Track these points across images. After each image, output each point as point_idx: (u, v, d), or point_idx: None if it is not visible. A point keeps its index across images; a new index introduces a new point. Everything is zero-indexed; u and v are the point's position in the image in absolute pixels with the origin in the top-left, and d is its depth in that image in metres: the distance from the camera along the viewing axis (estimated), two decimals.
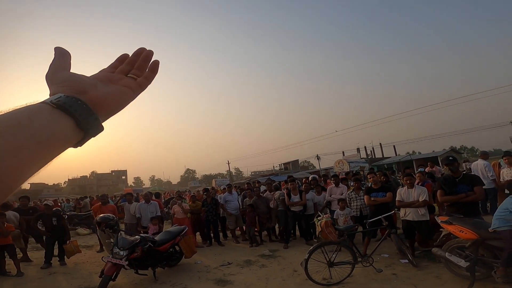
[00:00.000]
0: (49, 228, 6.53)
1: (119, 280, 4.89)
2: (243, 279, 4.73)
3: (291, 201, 6.86)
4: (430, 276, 4.11)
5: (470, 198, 4.26)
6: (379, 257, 5.03)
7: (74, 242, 6.73)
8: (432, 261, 4.55)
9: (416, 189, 4.94)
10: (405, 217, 4.94)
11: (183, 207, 7.55)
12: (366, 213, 6.07)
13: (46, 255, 6.40)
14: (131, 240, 4.96)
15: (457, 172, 4.55)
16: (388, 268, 4.55)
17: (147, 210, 7.23)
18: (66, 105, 0.40)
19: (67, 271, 5.97)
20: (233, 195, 8.12)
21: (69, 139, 0.40)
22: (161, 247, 5.32)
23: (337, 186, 7.06)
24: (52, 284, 5.20)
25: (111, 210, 7.24)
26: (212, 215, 7.62)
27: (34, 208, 7.67)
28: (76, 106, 0.41)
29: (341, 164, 29.83)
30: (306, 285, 4.18)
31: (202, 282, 4.78)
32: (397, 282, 4.04)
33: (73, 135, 0.40)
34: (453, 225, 3.83)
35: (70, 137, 0.40)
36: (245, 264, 5.52)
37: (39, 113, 0.37)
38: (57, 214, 6.91)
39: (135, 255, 4.84)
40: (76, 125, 0.40)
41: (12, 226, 6.11)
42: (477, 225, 3.66)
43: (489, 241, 3.47)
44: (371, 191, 5.60)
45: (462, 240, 3.73)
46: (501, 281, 3.19)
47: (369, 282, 4.10)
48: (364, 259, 4.27)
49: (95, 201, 11.73)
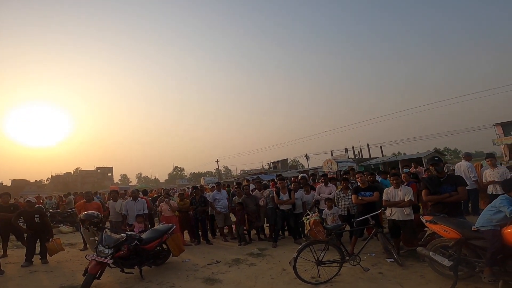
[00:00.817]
0: (31, 225, 6.34)
1: (104, 278, 4.79)
2: (231, 278, 4.71)
3: (280, 199, 6.88)
4: (415, 275, 4.19)
5: (453, 198, 4.39)
6: (366, 256, 5.11)
7: (57, 240, 6.54)
8: (417, 260, 4.65)
9: (402, 189, 5.03)
10: (391, 217, 5.03)
11: (171, 205, 7.46)
12: (353, 212, 6.16)
13: (27, 253, 6.21)
14: (117, 238, 4.86)
15: (442, 172, 4.67)
16: (374, 267, 4.62)
17: (134, 207, 7.10)
18: None
19: (49, 270, 5.81)
20: (222, 193, 8.09)
21: None
22: (148, 245, 5.23)
23: (326, 186, 7.13)
24: (33, 283, 5.04)
25: (96, 208, 7.04)
26: (201, 213, 7.57)
27: (15, 205, 7.40)
28: None
29: (330, 163, 30.21)
30: (295, 283, 4.20)
31: (190, 281, 4.73)
32: (383, 281, 4.10)
33: None
34: (437, 224, 3.91)
35: None
36: (233, 263, 5.50)
37: None
38: (40, 211, 6.69)
39: (120, 253, 4.75)
40: None
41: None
42: (460, 225, 3.74)
43: (472, 241, 3.55)
44: (359, 190, 5.68)
45: (446, 240, 3.81)
46: (488, 281, 3.25)
47: (356, 281, 4.15)
48: (352, 258, 4.32)
49: (79, 198, 11.44)
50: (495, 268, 3.25)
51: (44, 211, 6.95)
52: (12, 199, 9.53)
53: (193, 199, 7.80)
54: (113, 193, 8.10)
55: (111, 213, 7.50)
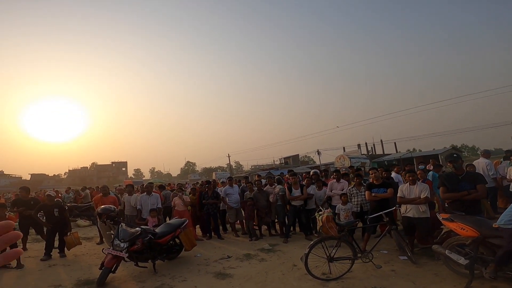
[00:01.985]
0: (50, 219, 6.49)
1: (118, 272, 4.92)
2: (242, 273, 4.75)
3: (292, 195, 6.87)
4: (429, 273, 4.12)
5: (472, 196, 4.25)
6: (379, 253, 5.05)
7: (75, 234, 6.70)
8: (431, 258, 4.56)
9: (418, 185, 4.93)
10: (406, 214, 4.94)
11: (183, 200, 7.56)
12: (366, 209, 6.07)
13: (46, 247, 6.39)
14: (132, 232, 4.97)
15: (460, 169, 4.53)
16: (387, 265, 4.56)
17: (148, 202, 7.23)
18: None
19: (66, 263, 5.99)
20: (234, 188, 8.13)
21: None
22: (161, 240, 5.33)
23: (338, 182, 7.05)
24: (52, 277, 5.21)
25: (112, 202, 7.23)
26: (212, 208, 7.64)
27: (35, 199, 7.66)
28: None
29: (342, 159, 29.84)
30: (305, 279, 4.20)
31: (202, 275, 4.80)
32: (396, 278, 4.05)
33: None
34: (455, 222, 3.83)
35: None
36: (244, 258, 5.54)
37: None
38: (59, 205, 6.84)
39: (135, 247, 4.85)
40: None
41: (13, 217, 6.10)
42: (478, 223, 3.65)
43: (489, 239, 3.46)
44: (372, 186, 5.59)
45: (462, 238, 3.73)
46: (488, 277, 3.23)
47: (368, 278, 4.11)
48: (364, 255, 4.27)
49: (96, 192, 11.74)
50: (510, 267, 3.16)
51: (63, 205, 7.15)
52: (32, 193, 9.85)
53: (205, 193, 7.88)
54: (129, 188, 8.26)
55: (126, 207, 7.66)
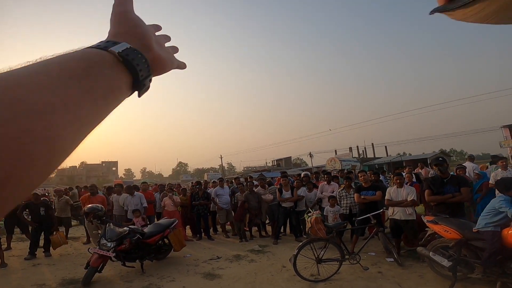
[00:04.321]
0: (36, 218, 6.39)
1: (105, 272, 4.86)
2: (232, 274, 4.75)
3: (282, 197, 6.89)
4: (414, 275, 4.19)
5: (456, 199, 4.37)
6: (366, 255, 5.10)
7: (61, 233, 6.62)
8: (416, 260, 4.63)
9: (405, 188, 5.01)
10: (393, 216, 5.02)
11: (174, 200, 7.51)
12: (355, 211, 6.14)
13: (31, 246, 6.28)
14: (120, 231, 4.92)
15: (445, 173, 4.64)
16: (374, 266, 4.62)
17: (131, 202, 7.12)
18: (133, 61, 0.36)
19: (51, 263, 5.89)
20: (224, 189, 8.11)
21: (121, 99, 0.35)
22: (149, 240, 5.28)
23: (329, 184, 7.11)
24: (35, 276, 5.12)
25: (100, 201, 7.12)
26: (203, 209, 7.60)
27: None
28: (141, 65, 0.37)
29: (333, 162, 30.11)
30: (294, 280, 4.22)
31: (191, 276, 4.78)
32: (382, 280, 4.11)
33: (125, 94, 0.36)
34: (439, 224, 3.90)
35: (122, 97, 0.36)
36: (234, 259, 5.53)
37: (99, 65, 0.32)
38: (45, 204, 6.73)
39: (122, 247, 4.80)
40: (131, 84, 0.37)
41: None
42: (461, 226, 3.73)
43: (472, 242, 3.54)
44: (361, 189, 5.67)
45: (446, 240, 3.80)
46: (479, 276, 3.31)
47: (355, 280, 4.16)
48: (352, 257, 4.32)
49: (84, 191, 11.55)
50: (494, 269, 3.24)
51: (49, 204, 7.03)
52: None
53: (196, 194, 7.84)
54: (118, 187, 8.14)
55: (115, 207, 7.55)
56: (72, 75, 0.29)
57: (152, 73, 0.40)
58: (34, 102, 0.24)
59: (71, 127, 0.27)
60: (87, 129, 0.30)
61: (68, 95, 0.27)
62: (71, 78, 0.29)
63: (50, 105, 0.25)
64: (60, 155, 0.27)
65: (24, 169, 0.23)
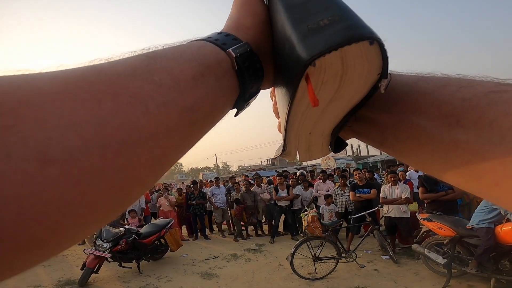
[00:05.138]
0: None
1: (101, 273, 4.83)
2: (229, 273, 4.76)
3: (278, 195, 6.92)
4: (409, 272, 4.25)
5: (449, 196, 4.46)
6: (362, 253, 5.15)
7: None
8: (412, 257, 4.70)
9: (399, 186, 5.07)
10: (388, 214, 5.08)
11: (169, 200, 7.49)
12: (350, 209, 6.19)
13: None
14: (115, 232, 4.89)
15: None
16: (370, 264, 4.67)
17: None
18: (248, 73, 0.27)
19: (46, 264, 5.81)
20: (220, 188, 8.11)
21: (217, 121, 0.27)
22: (146, 240, 5.26)
23: (324, 182, 7.16)
24: (31, 277, 5.06)
25: None
26: (199, 208, 7.59)
27: None
28: (256, 80, 0.29)
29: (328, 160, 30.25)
30: (291, 279, 4.25)
31: (188, 275, 4.77)
32: (378, 277, 4.16)
33: (224, 114, 0.28)
34: (433, 222, 3.95)
35: (219, 118, 0.28)
36: (231, 258, 5.54)
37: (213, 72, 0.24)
38: None
39: (119, 247, 4.77)
40: (236, 100, 0.29)
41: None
42: (455, 223, 3.78)
43: (466, 239, 3.60)
44: (357, 187, 5.72)
45: (440, 237, 3.85)
46: (474, 272, 3.36)
47: (352, 278, 4.20)
48: (348, 255, 4.36)
49: None
50: (487, 266, 3.30)
51: None
52: None
53: (191, 193, 7.82)
54: None
55: None
56: (176, 85, 0.21)
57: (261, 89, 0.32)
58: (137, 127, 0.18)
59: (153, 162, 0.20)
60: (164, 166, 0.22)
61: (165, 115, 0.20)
62: (174, 89, 0.21)
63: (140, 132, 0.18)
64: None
65: None
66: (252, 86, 0.29)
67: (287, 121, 0.28)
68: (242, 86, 0.28)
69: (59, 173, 0.14)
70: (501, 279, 3.28)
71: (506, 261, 3.24)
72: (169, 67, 0.22)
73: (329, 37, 0.21)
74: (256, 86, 0.30)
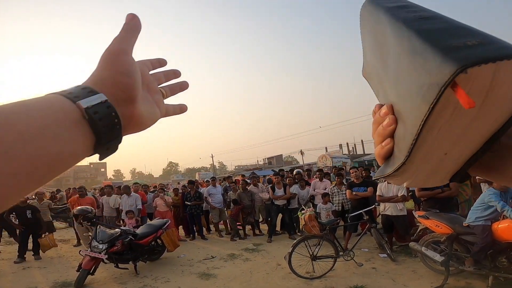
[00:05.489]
0: (23, 221, 6.29)
1: (98, 274, 4.78)
2: (227, 273, 4.74)
3: (275, 194, 6.91)
4: (407, 270, 4.26)
5: (445, 193, 4.46)
6: (360, 251, 5.16)
7: (50, 236, 6.50)
8: (409, 255, 4.72)
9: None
10: (385, 212, 5.09)
11: (165, 200, 7.44)
12: (347, 207, 6.21)
13: (19, 249, 6.17)
14: (111, 233, 4.85)
15: None
16: (368, 262, 4.68)
17: (127, 203, 7.03)
18: (101, 122, 0.30)
19: (42, 266, 5.77)
20: (217, 188, 8.08)
21: (72, 163, 0.29)
22: (142, 241, 5.22)
23: (321, 181, 7.17)
24: (26, 279, 5.00)
25: (90, 203, 6.99)
26: (196, 208, 7.55)
27: None
28: (111, 127, 0.31)
29: (324, 159, 30.38)
30: (290, 278, 4.24)
31: (185, 276, 4.74)
32: (377, 276, 4.16)
33: (81, 157, 0.30)
34: (430, 219, 3.94)
35: (74, 161, 0.30)
36: (229, 258, 5.52)
37: (59, 124, 0.27)
38: (32, 207, 6.61)
39: (115, 248, 4.73)
40: (94, 146, 0.31)
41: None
42: (452, 220, 3.79)
43: (463, 236, 3.61)
44: (353, 185, 5.72)
45: (437, 235, 3.86)
46: (472, 270, 3.37)
47: (350, 276, 4.20)
48: (346, 253, 4.37)
49: (72, 193, 11.31)
50: (485, 263, 3.32)
51: (36, 207, 6.87)
52: None
53: (187, 194, 7.78)
54: (107, 188, 8.02)
55: (105, 208, 7.44)
56: (20, 135, 0.24)
57: (123, 134, 0.33)
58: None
59: None
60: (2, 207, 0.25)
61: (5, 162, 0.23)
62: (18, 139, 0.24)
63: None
64: None
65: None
66: (109, 134, 0.31)
67: (418, 137, 0.27)
68: (97, 134, 0.30)
69: None
70: (499, 277, 3.29)
71: (503, 258, 3.25)
72: (16, 119, 0.25)
73: (483, 51, 0.22)
74: (115, 133, 0.32)
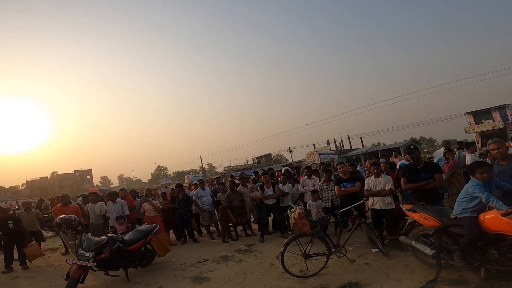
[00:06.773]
0: (6, 232, 6.15)
1: (88, 282, 4.65)
2: (220, 275, 4.68)
3: (264, 194, 6.88)
4: (400, 264, 4.24)
5: (430, 185, 4.46)
6: (352, 247, 5.18)
7: (35, 245, 6.39)
8: (401, 249, 4.72)
9: (382, 178, 5.11)
10: (373, 206, 5.10)
11: (153, 205, 7.29)
12: (337, 203, 6.21)
13: (5, 260, 6.10)
14: (97, 240, 4.71)
15: (418, 160, 4.76)
16: (360, 258, 4.67)
17: (113, 210, 6.85)
18: None
19: (30, 275, 5.63)
20: (205, 190, 8.00)
21: None
22: (131, 247, 5.11)
23: (310, 178, 7.19)
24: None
25: (74, 211, 6.78)
26: (185, 212, 7.44)
27: None
28: None
29: (312, 156, 30.64)
30: (284, 278, 4.21)
31: (178, 281, 4.66)
32: (370, 271, 4.14)
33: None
34: (417, 212, 3.92)
35: None
36: (221, 260, 5.47)
37: None
38: (13, 217, 6.46)
39: (103, 256, 4.61)
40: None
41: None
42: (439, 212, 3.78)
43: (451, 228, 3.58)
44: (341, 181, 5.71)
45: (426, 228, 3.83)
46: (461, 265, 3.34)
47: (344, 273, 4.18)
48: (338, 250, 4.36)
49: (57, 202, 10.95)
50: (475, 256, 3.29)
51: (17, 217, 6.64)
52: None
53: (176, 197, 7.65)
54: (92, 196, 7.82)
55: (91, 216, 7.24)
56: None
57: None
58: None
59: None
60: None
61: None
62: None
63: None
64: None
65: None
66: None
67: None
68: None
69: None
70: (491, 269, 3.24)
71: (493, 250, 3.18)
72: None
73: None
74: None
